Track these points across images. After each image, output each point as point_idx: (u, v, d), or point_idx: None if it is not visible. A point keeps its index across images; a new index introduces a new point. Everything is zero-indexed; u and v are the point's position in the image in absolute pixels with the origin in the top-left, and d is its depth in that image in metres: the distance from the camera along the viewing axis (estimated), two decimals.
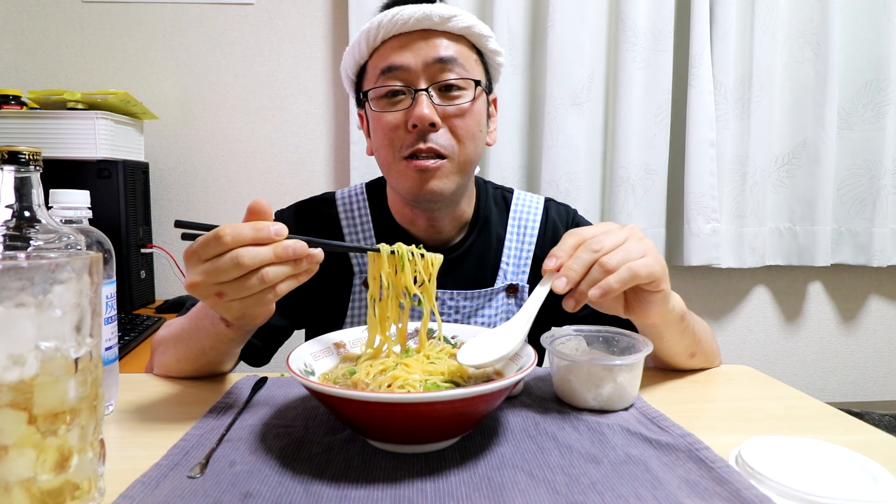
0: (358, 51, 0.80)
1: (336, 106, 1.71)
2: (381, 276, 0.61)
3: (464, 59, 0.79)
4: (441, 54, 0.76)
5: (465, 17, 0.78)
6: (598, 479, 0.45)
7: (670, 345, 0.70)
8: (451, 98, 0.77)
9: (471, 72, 0.79)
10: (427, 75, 0.76)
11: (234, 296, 0.53)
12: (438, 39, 0.77)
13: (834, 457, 0.47)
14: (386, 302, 0.61)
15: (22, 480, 0.36)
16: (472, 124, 0.79)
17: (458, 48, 0.78)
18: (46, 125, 1.38)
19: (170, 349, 0.72)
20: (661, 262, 0.59)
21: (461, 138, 0.78)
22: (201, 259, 0.52)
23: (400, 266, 0.61)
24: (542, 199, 0.94)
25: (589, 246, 0.57)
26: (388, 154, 0.79)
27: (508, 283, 0.87)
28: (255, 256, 0.51)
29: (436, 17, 0.76)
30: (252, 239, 0.51)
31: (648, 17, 1.64)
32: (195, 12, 1.65)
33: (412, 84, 0.76)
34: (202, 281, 0.52)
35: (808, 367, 1.91)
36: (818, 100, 1.71)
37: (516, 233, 0.90)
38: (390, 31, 0.76)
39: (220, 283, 0.52)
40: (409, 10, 0.75)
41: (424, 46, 0.76)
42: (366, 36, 0.78)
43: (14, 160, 0.49)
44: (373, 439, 0.51)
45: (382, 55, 0.78)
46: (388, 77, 0.77)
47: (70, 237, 0.53)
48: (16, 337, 0.36)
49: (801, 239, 1.78)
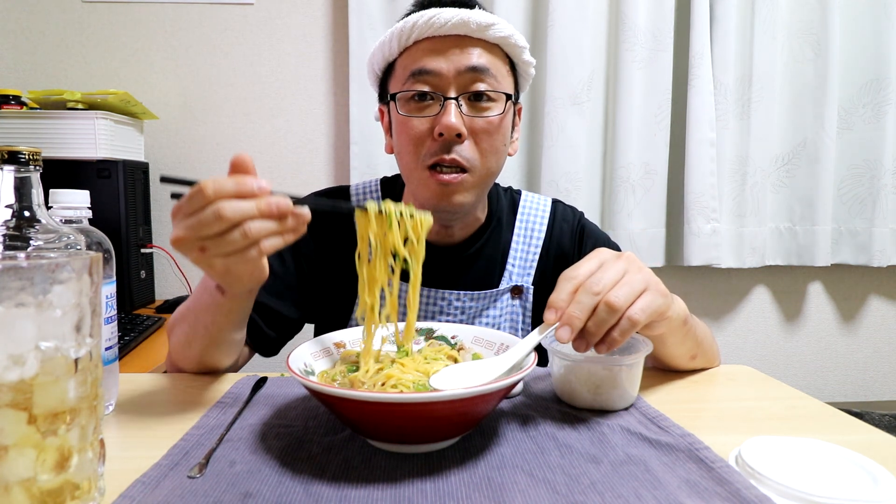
0: (388, 48, 0.78)
1: (336, 106, 1.71)
2: (370, 236, 0.59)
3: (496, 70, 0.77)
4: (474, 63, 0.75)
5: (503, 26, 0.76)
6: (598, 479, 0.45)
7: (672, 349, 0.70)
8: (480, 109, 0.76)
9: (502, 83, 0.78)
10: (458, 83, 0.75)
11: (217, 251, 0.51)
12: (473, 47, 0.75)
13: (834, 457, 0.47)
14: (374, 263, 0.59)
15: (22, 480, 0.36)
16: (497, 139, 0.78)
17: (492, 58, 0.77)
18: (46, 125, 1.38)
19: (178, 330, 0.73)
20: (662, 291, 0.58)
21: (485, 152, 0.77)
22: (185, 214, 0.51)
23: (388, 226, 0.59)
24: (550, 201, 0.94)
25: (589, 288, 0.54)
26: (410, 160, 0.78)
27: (513, 285, 0.87)
28: (236, 210, 0.50)
29: (473, 24, 0.73)
30: (234, 192, 0.50)
31: (648, 17, 1.64)
32: (195, 12, 1.65)
33: (442, 91, 0.75)
34: (185, 235, 0.51)
35: (808, 367, 1.91)
36: (818, 100, 1.71)
37: (523, 234, 0.90)
38: (424, 32, 0.74)
39: (203, 237, 0.51)
40: (447, 14, 0.73)
41: (458, 53, 0.75)
42: (399, 34, 0.76)
43: (14, 160, 0.49)
44: (373, 439, 0.51)
45: (413, 57, 0.76)
46: (418, 80, 0.75)
47: (70, 237, 0.53)
48: (16, 337, 0.36)
49: (801, 239, 1.78)
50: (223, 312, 0.64)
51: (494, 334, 0.65)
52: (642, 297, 0.55)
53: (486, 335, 0.65)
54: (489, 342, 0.64)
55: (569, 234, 0.91)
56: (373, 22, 1.61)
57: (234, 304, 0.64)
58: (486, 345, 0.64)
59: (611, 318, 0.53)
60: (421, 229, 0.61)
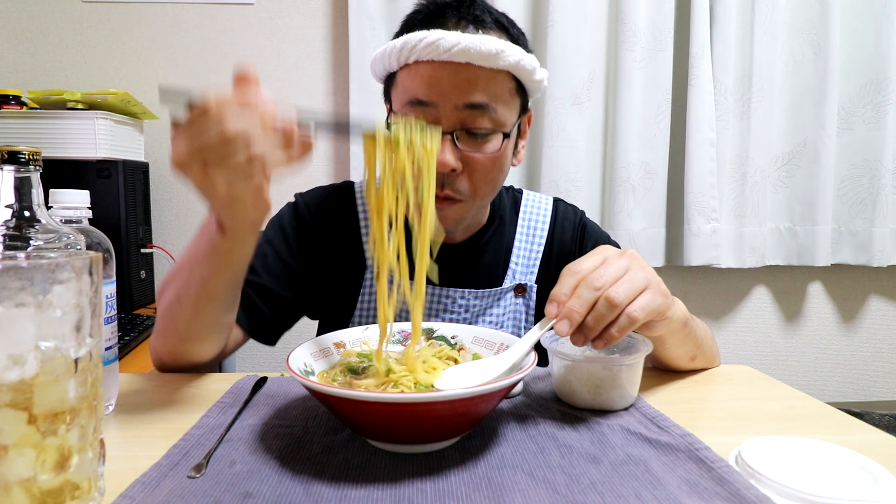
0: (388, 61, 0.75)
1: (336, 106, 1.71)
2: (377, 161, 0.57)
3: (498, 101, 0.73)
4: (474, 100, 0.71)
5: (511, 52, 0.70)
6: (598, 479, 0.45)
7: (672, 350, 0.70)
8: (477, 144, 0.74)
9: (504, 115, 0.74)
10: (455, 118, 0.72)
11: (221, 169, 0.49)
12: (476, 77, 0.71)
13: (834, 457, 0.47)
14: (383, 191, 0.57)
15: (22, 480, 0.36)
16: (494, 172, 0.76)
17: (496, 88, 0.72)
18: (46, 125, 1.38)
19: (170, 285, 0.68)
20: (663, 291, 0.58)
21: (480, 183, 0.76)
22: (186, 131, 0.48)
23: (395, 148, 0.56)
24: (551, 200, 0.94)
25: (591, 283, 0.54)
26: None
27: (517, 283, 0.87)
28: (241, 120, 0.48)
29: (478, 53, 0.69)
30: (238, 104, 0.48)
31: (648, 17, 1.64)
32: (195, 12, 1.65)
33: (438, 123, 0.72)
34: (186, 151, 0.49)
35: (808, 367, 1.91)
36: (818, 100, 1.71)
37: (526, 233, 0.90)
38: (426, 55, 0.70)
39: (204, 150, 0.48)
40: (451, 39, 0.68)
41: (458, 85, 0.71)
42: (398, 52, 0.72)
43: (14, 160, 0.49)
44: (373, 439, 0.51)
45: (413, 78, 0.73)
46: (415, 109, 0.73)
47: (70, 237, 0.53)
48: (16, 337, 0.36)
49: (801, 239, 1.78)
50: (222, 257, 0.60)
51: (494, 334, 0.65)
52: (642, 296, 0.55)
53: (485, 335, 0.65)
54: (489, 342, 0.64)
55: (570, 233, 0.91)
56: (373, 22, 1.61)
57: (235, 245, 0.59)
58: (486, 345, 0.64)
59: (610, 313, 0.53)
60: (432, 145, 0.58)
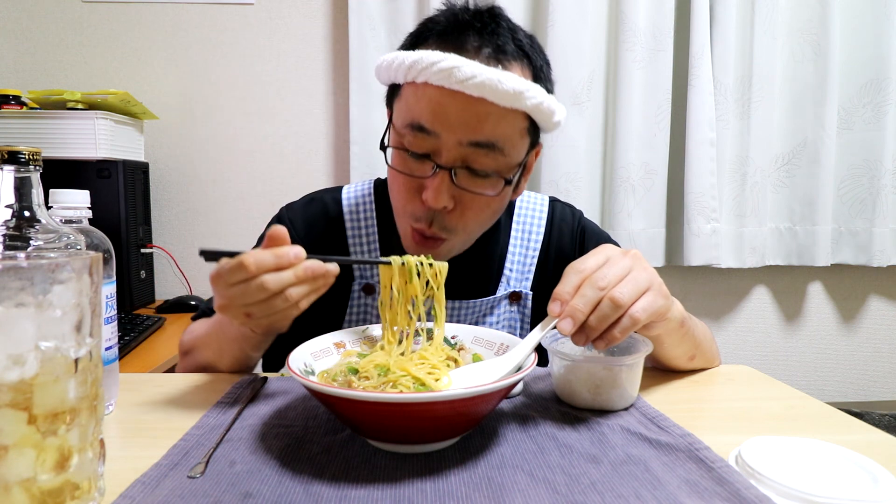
0: (395, 74, 0.68)
1: (336, 106, 1.71)
2: (392, 286, 0.63)
3: (506, 142, 0.67)
4: (480, 138, 0.65)
5: (532, 94, 0.64)
6: (598, 479, 0.45)
7: (670, 350, 0.70)
8: (475, 183, 0.69)
9: (510, 156, 0.68)
10: (457, 153, 0.67)
11: (261, 315, 0.57)
12: (488, 111, 0.64)
13: (834, 457, 0.47)
14: (395, 308, 0.64)
15: (22, 480, 0.36)
16: (487, 213, 0.73)
17: (506, 127, 0.66)
18: (46, 125, 1.38)
19: (200, 355, 0.76)
20: (664, 292, 0.58)
21: (472, 222, 0.72)
22: (228, 284, 0.55)
23: (409, 277, 0.63)
24: (546, 201, 0.89)
25: (594, 283, 0.54)
26: (396, 203, 0.75)
27: (511, 291, 0.84)
28: (279, 281, 0.55)
29: (500, 92, 0.62)
30: (275, 265, 0.55)
31: (648, 17, 1.64)
32: (195, 12, 1.65)
33: (437, 154, 0.67)
34: (231, 304, 0.57)
35: (808, 367, 1.91)
36: (818, 100, 1.71)
37: (520, 237, 0.86)
38: (436, 80, 0.63)
39: (248, 304, 0.56)
40: (467, 71, 0.61)
41: (465, 119, 0.65)
42: (406, 69, 0.65)
43: (14, 160, 0.49)
44: (373, 439, 0.51)
45: (418, 98, 0.66)
46: (416, 136, 0.67)
47: (70, 237, 0.53)
48: (16, 337, 0.36)
49: (801, 239, 1.78)
50: (253, 345, 0.69)
51: (494, 334, 0.65)
52: (645, 297, 0.55)
53: (486, 335, 0.65)
54: (489, 342, 0.64)
55: (569, 236, 0.87)
56: (373, 22, 1.61)
57: (267, 339, 0.69)
58: (486, 345, 0.64)
59: (613, 314, 0.53)
60: (440, 277, 0.64)
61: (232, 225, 1.72)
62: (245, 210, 1.72)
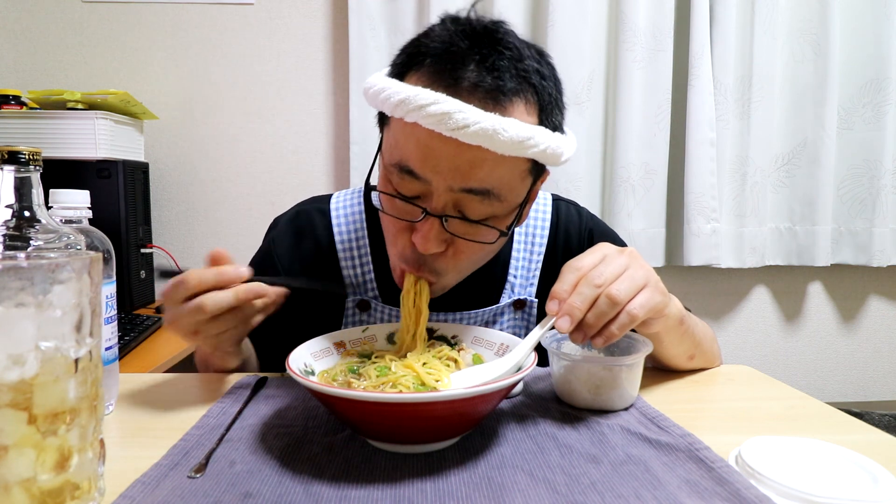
0: (381, 104, 0.59)
1: (336, 106, 1.71)
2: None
3: (504, 187, 0.60)
4: (474, 185, 0.58)
5: (538, 140, 0.56)
6: (598, 479, 0.45)
7: (669, 348, 0.70)
8: (467, 229, 0.62)
9: (508, 201, 0.62)
10: (449, 199, 0.60)
11: (207, 334, 0.59)
12: (484, 157, 0.56)
13: (834, 457, 0.47)
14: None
15: (22, 480, 0.36)
16: (481, 256, 0.67)
17: (504, 173, 0.59)
18: (46, 125, 1.38)
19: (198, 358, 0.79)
20: (661, 289, 0.58)
21: (464, 263, 0.66)
22: (172, 301, 0.57)
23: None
24: (550, 201, 0.84)
25: (591, 280, 0.54)
26: (385, 236, 0.69)
27: (516, 299, 0.80)
28: (216, 302, 0.57)
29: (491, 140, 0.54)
30: (214, 283, 0.56)
31: (648, 17, 1.64)
32: (195, 12, 1.65)
33: (427, 199, 0.60)
34: (176, 322, 0.59)
35: (808, 367, 1.91)
36: (818, 100, 1.71)
37: (524, 243, 0.81)
38: (428, 124, 0.55)
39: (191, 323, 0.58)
40: (462, 118, 0.53)
41: (458, 165, 0.57)
42: (393, 106, 0.56)
43: (14, 160, 0.49)
44: (373, 439, 0.51)
45: (407, 138, 0.59)
46: (404, 178, 0.60)
47: (70, 237, 0.53)
48: (16, 337, 0.36)
49: (801, 239, 1.78)
50: (221, 358, 0.71)
51: (494, 334, 0.65)
52: (642, 293, 0.56)
53: (486, 335, 0.66)
54: (489, 342, 0.64)
55: (576, 238, 0.83)
56: (373, 22, 1.61)
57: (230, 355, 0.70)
58: (486, 345, 0.64)
59: (611, 311, 0.54)
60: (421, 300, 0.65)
61: (232, 225, 1.72)
62: (245, 210, 1.72)
